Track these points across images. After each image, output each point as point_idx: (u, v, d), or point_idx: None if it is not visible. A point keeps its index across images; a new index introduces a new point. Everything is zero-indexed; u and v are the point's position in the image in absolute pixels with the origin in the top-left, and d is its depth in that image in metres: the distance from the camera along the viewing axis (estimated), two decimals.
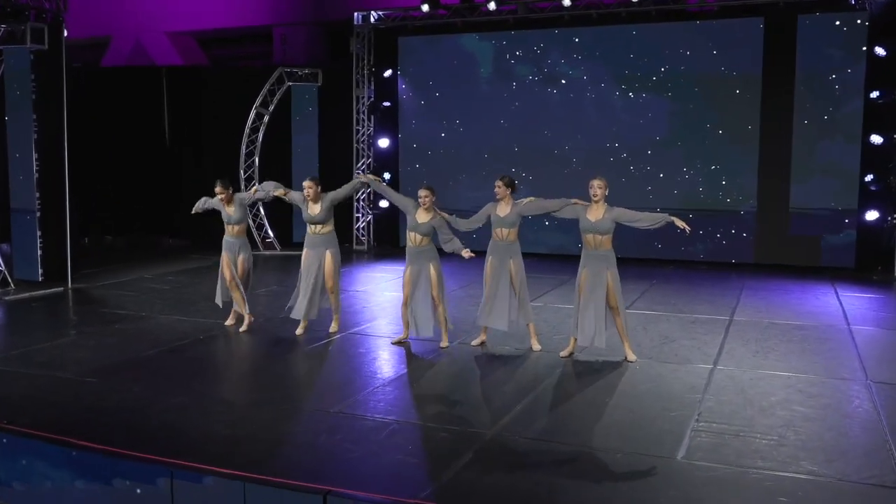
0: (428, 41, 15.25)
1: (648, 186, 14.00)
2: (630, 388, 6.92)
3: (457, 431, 5.79)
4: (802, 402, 6.49)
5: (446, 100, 15.17)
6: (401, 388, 6.90)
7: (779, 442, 5.60)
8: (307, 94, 15.55)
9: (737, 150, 13.53)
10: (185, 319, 9.42)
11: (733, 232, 13.69)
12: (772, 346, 8.33)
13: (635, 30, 13.86)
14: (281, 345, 8.33)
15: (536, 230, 14.21)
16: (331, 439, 5.62)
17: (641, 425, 5.98)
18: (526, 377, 7.23)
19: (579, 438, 5.69)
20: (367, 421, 5.97)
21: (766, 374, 7.28)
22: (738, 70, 13.37)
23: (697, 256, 13.80)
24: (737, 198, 13.63)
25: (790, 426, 5.90)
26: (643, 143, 14.02)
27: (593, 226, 7.51)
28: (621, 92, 14.05)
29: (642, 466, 5.18)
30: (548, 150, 14.59)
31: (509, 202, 7.93)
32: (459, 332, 8.58)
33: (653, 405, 6.44)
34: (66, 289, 11.19)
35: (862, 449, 5.51)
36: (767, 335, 8.79)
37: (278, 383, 7.04)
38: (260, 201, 9.32)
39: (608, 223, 7.51)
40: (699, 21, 13.57)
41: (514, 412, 6.21)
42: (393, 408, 6.34)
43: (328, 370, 7.55)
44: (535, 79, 14.56)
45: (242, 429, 5.80)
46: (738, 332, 8.96)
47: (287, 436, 5.68)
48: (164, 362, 7.63)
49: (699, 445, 5.52)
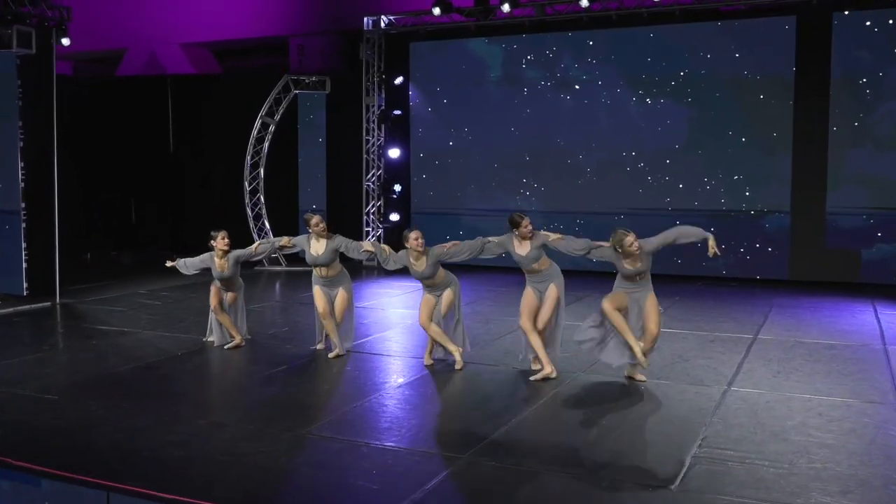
0: (440, 46, 15.04)
1: (667, 197, 13.60)
2: (631, 411, 6.52)
3: (430, 455, 5.44)
4: (821, 426, 6.03)
5: (459, 107, 14.91)
6: (380, 408, 6.56)
7: (788, 470, 5.16)
8: (315, 103, 15.36)
9: (762, 159, 13.07)
10: (167, 336, 9.19)
11: (758, 246, 13.21)
12: (795, 366, 7.86)
13: (653, 32, 13.51)
14: (260, 363, 8.04)
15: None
16: (290, 462, 5.30)
17: (636, 451, 5.58)
18: (516, 398, 6.86)
19: (562, 464, 5.30)
20: (334, 443, 5.63)
21: (785, 395, 6.83)
22: (763, 73, 12.92)
23: (719, 272, 13.35)
24: (761, 209, 13.16)
25: (804, 453, 5.46)
26: (661, 151, 13.63)
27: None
28: (638, 97, 13.69)
29: (630, 497, 4.78)
30: (560, 159, 14.25)
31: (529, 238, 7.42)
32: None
33: (653, 429, 6.04)
34: (53, 304, 11.05)
35: (882, 479, 5.04)
36: (792, 355, 8.32)
37: (250, 403, 6.75)
38: (263, 256, 8.70)
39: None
40: (720, 22, 13.17)
41: (496, 434, 5.84)
42: (367, 429, 6.01)
43: (308, 389, 7.23)
44: (548, 84, 14.25)
45: (198, 450, 5.50)
46: (761, 351, 8.49)
47: (244, 458, 5.36)
48: (133, 380, 7.38)
49: (697, 474, 5.10)
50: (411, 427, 6.10)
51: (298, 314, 10.67)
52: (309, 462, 5.31)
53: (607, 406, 6.64)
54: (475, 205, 14.48)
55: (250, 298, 11.67)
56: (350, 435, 5.81)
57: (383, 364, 8.00)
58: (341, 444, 5.60)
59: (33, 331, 9.62)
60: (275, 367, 7.84)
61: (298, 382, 7.39)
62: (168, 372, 7.62)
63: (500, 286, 12.44)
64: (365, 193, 15.61)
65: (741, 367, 7.79)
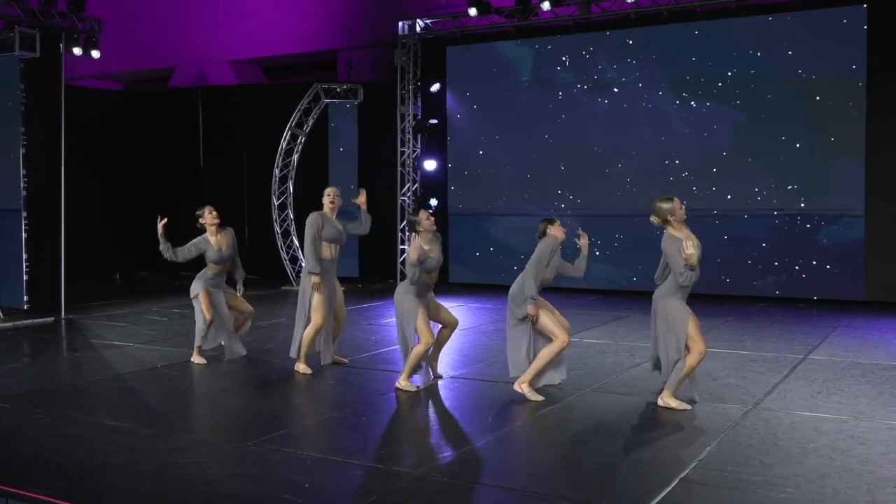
0: (479, 50, 14.77)
1: (714, 210, 12.99)
2: (628, 428, 6.02)
3: (376, 470, 5.04)
4: (849, 450, 5.40)
5: (499, 113, 14.60)
6: (340, 423, 6.20)
7: (791, 495, 4.59)
8: (346, 113, 15.23)
9: (820, 165, 12.37)
10: (156, 349, 9.03)
11: (814, 263, 12.45)
12: (842, 386, 7.20)
13: (697, 29, 12.98)
14: (238, 376, 7.77)
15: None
16: (219, 473, 4.98)
17: (619, 470, 5.08)
18: (504, 413, 6.41)
19: (522, 483, 4.85)
20: (277, 455, 5.29)
21: (817, 417, 6.20)
22: (822, 71, 12.26)
23: (773, 292, 12.64)
24: (818, 223, 12.40)
25: (817, 478, 4.87)
26: (707, 159, 13.06)
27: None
28: (682, 100, 13.14)
29: None
30: (598, 168, 13.76)
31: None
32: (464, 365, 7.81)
33: (645, 448, 5.52)
34: (57, 319, 11.05)
35: None
36: (842, 375, 7.65)
37: (205, 415, 6.52)
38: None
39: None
40: (770, 17, 12.56)
41: (463, 450, 5.41)
42: (317, 443, 5.68)
43: (276, 403, 6.91)
44: (584, 87, 13.86)
45: (123, 459, 5.23)
46: (807, 371, 7.83)
47: (171, 468, 5.06)
48: (97, 390, 7.22)
49: (675, 495, 4.58)
50: (367, 442, 5.72)
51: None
52: (240, 473, 4.97)
53: (608, 423, 6.14)
54: (510, 217, 14.11)
55: (268, 315, 11.59)
56: (298, 448, 5.47)
57: (368, 378, 7.63)
58: (283, 457, 5.26)
59: (22, 343, 9.58)
60: (252, 381, 7.57)
61: (269, 396, 7.10)
62: (135, 384, 7.41)
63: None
64: (399, 209, 15.36)
65: (776, 387, 7.18)
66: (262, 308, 12.13)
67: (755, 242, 12.73)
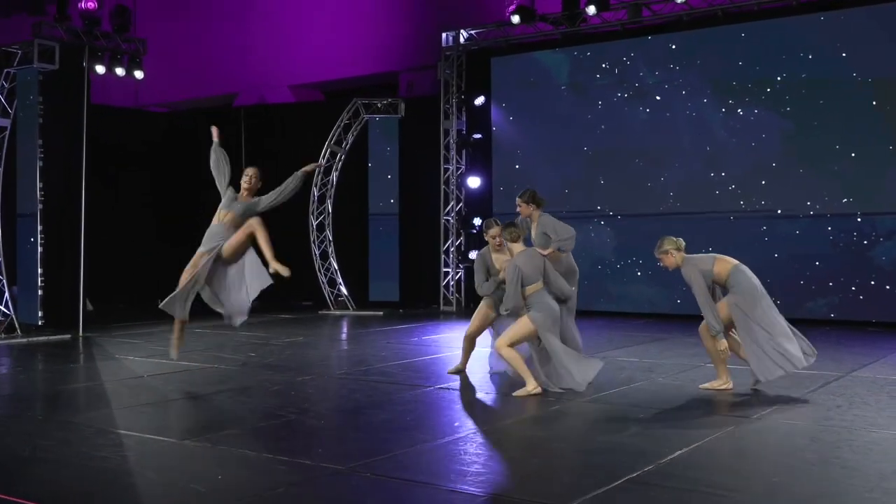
0: (524, 60, 14.75)
1: (763, 226, 12.56)
2: (594, 430, 5.83)
3: (297, 465, 4.99)
4: (838, 458, 5.09)
5: (543, 125, 14.48)
6: (289, 421, 6.20)
7: (735, 500, 4.33)
8: (387, 129, 15.35)
9: (877, 177, 11.85)
10: (152, 361, 9.20)
11: (872, 283, 11.90)
12: (869, 401, 6.83)
13: (744, 31, 12.72)
14: (213, 383, 7.84)
15: (626, 282, 13.42)
16: (136, 465, 5.03)
17: (562, 467, 4.92)
18: (480, 416, 6.30)
19: (449, 481, 4.72)
20: (204, 451, 5.32)
21: (820, 427, 5.90)
22: (880, 73, 11.78)
23: (827, 315, 12.13)
24: (878, 239, 11.87)
25: (786, 484, 4.60)
26: (755, 171, 12.68)
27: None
28: (728, 108, 12.83)
29: None
30: (639, 183, 13.51)
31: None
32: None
33: (605, 448, 5.31)
34: (74, 336, 11.36)
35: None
36: (875, 390, 7.26)
37: (150, 416, 6.59)
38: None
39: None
40: (822, 16, 12.22)
41: (402, 449, 5.33)
42: (254, 440, 5.70)
43: (236, 405, 6.94)
44: (625, 95, 13.69)
45: (44, 451, 5.34)
46: (840, 387, 7.45)
47: (88, 460, 5.14)
48: (63, 394, 7.43)
49: (602, 496, 4.38)
50: (301, 438, 5.77)
51: (316, 347, 10.53)
52: (156, 466, 5.01)
53: (579, 427, 5.96)
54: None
55: (287, 334, 11.74)
56: (231, 445, 5.48)
57: (352, 386, 7.59)
58: (211, 452, 5.28)
59: (25, 358, 9.87)
60: (222, 386, 7.63)
61: (232, 400, 7.13)
62: (101, 391, 7.54)
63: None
64: (443, 230, 15.36)
65: (789, 400, 6.83)
66: (292, 329, 12.28)
67: (808, 261, 12.24)
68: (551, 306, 7.09)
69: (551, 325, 7.06)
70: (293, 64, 19.77)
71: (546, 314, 7.02)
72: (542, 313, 6.97)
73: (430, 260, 15.40)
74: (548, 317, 7.02)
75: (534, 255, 7.33)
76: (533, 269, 7.11)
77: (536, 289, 7.06)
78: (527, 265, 7.07)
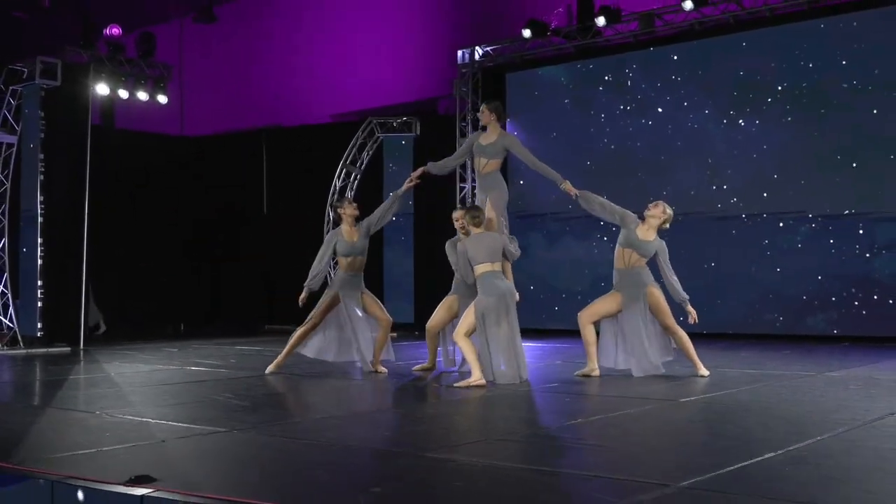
0: (537, 75, 15.05)
1: (765, 240, 12.65)
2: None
3: (209, 433, 5.27)
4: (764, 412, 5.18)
5: (557, 140, 14.73)
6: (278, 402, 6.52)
7: (610, 447, 4.48)
8: (402, 148, 15.72)
9: (878, 188, 11.88)
10: (134, 367, 9.60)
11: (875, 298, 11.92)
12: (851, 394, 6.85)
13: (745, 40, 12.96)
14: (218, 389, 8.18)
15: None
16: (85, 436, 5.36)
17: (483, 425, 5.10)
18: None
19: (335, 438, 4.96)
20: (162, 426, 5.65)
21: (768, 405, 5.97)
22: (878, 81, 11.87)
23: (830, 331, 12.13)
24: (878, 252, 11.89)
25: (703, 445, 4.73)
26: (754, 184, 12.82)
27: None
28: (730, 119, 12.98)
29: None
30: (640, 200, 13.57)
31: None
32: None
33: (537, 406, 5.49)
34: (75, 349, 11.84)
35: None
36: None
37: (113, 399, 6.90)
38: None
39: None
40: (823, 23, 12.37)
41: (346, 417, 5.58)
42: (191, 415, 5.99)
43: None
44: (628, 108, 13.96)
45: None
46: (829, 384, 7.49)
47: (30, 426, 5.53)
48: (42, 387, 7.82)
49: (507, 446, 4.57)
50: (251, 414, 6.02)
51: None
52: (100, 440, 5.24)
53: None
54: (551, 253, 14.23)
55: None
56: (180, 421, 5.81)
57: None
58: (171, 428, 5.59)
59: (34, 362, 10.38)
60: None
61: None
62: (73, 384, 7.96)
63: None
64: None
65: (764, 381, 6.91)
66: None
67: (810, 275, 12.21)
68: (498, 287, 7.38)
69: (494, 306, 7.29)
70: (335, 94, 20.40)
71: (486, 296, 7.32)
72: (483, 296, 7.27)
73: (444, 283, 15.57)
74: (490, 297, 7.29)
75: (485, 239, 7.61)
76: (481, 251, 7.37)
77: (483, 270, 7.36)
78: (473, 247, 7.39)
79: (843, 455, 4.49)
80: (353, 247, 8.75)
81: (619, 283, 7.95)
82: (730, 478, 3.95)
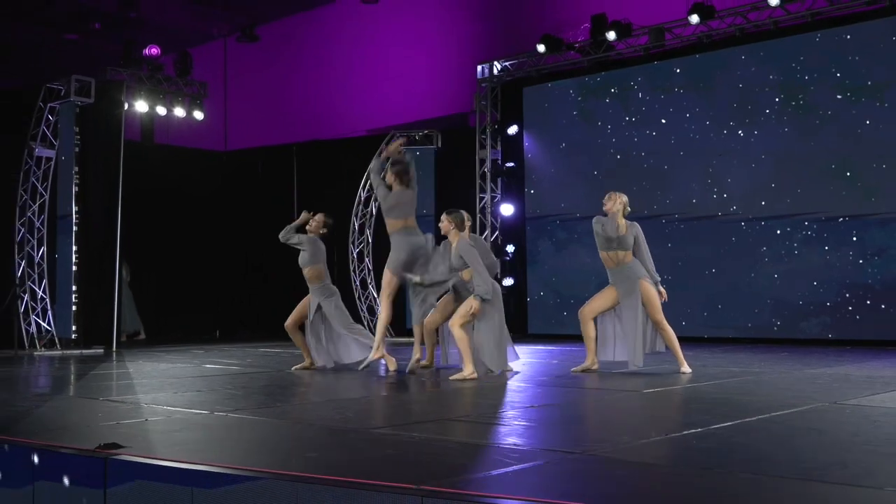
0: (552, 88, 15.49)
1: (763, 246, 12.94)
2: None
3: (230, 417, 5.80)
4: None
5: (572, 152, 15.14)
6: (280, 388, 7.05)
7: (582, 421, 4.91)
8: (423, 160, 16.21)
9: (868, 197, 12.12)
10: (154, 365, 10.20)
11: (868, 303, 12.09)
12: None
13: (744, 53, 13.29)
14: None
15: None
16: (60, 421, 5.91)
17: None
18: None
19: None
20: (156, 410, 6.19)
21: (727, 385, 6.33)
22: (870, 91, 12.14)
23: (825, 335, 12.42)
24: (871, 257, 12.10)
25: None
26: (754, 193, 13.11)
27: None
28: (730, 130, 13.29)
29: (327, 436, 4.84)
30: (643, 206, 13.89)
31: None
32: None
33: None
34: (107, 350, 12.54)
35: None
36: None
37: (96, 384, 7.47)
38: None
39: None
40: (819, 36, 12.67)
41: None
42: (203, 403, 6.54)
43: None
44: (632, 119, 14.33)
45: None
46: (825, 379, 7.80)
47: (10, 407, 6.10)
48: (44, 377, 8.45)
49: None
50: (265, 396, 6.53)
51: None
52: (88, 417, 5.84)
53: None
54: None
55: None
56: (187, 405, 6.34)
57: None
58: (123, 406, 6.14)
59: (69, 362, 11.07)
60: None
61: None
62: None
63: None
64: None
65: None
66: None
67: (806, 280, 12.46)
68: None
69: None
70: (370, 109, 20.99)
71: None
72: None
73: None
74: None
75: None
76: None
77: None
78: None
79: (759, 432, 4.87)
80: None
81: (614, 280, 8.36)
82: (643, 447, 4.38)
